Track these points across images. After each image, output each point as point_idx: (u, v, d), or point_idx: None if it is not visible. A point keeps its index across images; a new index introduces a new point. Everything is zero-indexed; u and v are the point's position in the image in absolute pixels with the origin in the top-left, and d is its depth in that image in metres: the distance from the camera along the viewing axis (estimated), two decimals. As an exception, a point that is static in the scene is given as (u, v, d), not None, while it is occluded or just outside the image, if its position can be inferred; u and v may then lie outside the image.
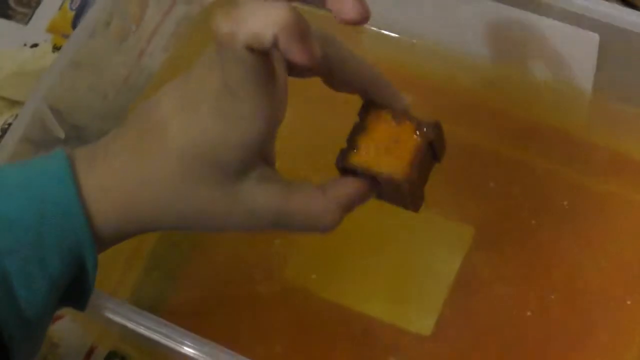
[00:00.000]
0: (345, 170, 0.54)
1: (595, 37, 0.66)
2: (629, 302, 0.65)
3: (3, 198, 0.50)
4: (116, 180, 0.51)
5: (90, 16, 0.73)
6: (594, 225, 0.68)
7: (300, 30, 0.46)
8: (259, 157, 0.51)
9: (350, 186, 0.53)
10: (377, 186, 0.54)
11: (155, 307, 0.66)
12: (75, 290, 0.52)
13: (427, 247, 0.69)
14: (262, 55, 0.47)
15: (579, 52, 0.68)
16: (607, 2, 0.64)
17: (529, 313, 0.66)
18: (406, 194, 0.53)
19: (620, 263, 0.67)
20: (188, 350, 0.56)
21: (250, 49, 0.46)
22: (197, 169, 0.50)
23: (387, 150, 0.53)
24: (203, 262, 0.70)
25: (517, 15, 0.67)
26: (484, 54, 0.73)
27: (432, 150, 0.54)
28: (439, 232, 0.70)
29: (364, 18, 0.48)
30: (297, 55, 0.46)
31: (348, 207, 0.54)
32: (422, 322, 0.66)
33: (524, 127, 0.73)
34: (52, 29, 0.84)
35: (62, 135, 0.71)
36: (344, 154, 0.54)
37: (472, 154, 0.72)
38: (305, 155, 0.71)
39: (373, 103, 0.54)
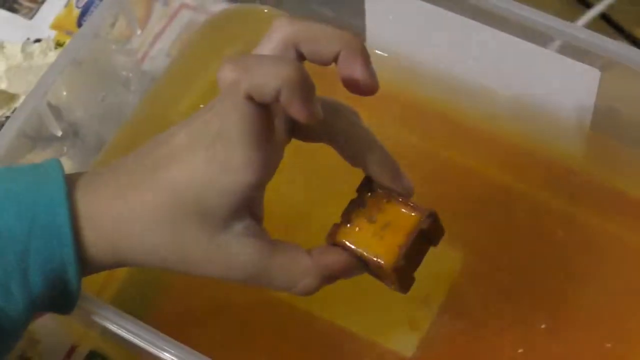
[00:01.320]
0: (336, 245, 0.54)
1: (596, 73, 0.66)
2: (608, 345, 0.66)
3: None
4: (108, 213, 0.51)
5: (96, 16, 0.73)
6: (583, 260, 0.68)
7: (304, 87, 0.47)
8: (246, 209, 0.51)
9: (337, 258, 0.54)
10: (365, 266, 0.54)
11: (138, 311, 0.65)
12: (56, 304, 0.53)
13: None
14: (262, 107, 0.48)
15: (579, 86, 0.68)
16: (610, 39, 0.65)
17: (513, 343, 0.66)
18: (394, 279, 0.54)
19: (604, 301, 0.67)
20: (168, 356, 0.56)
21: (251, 98, 0.47)
22: (184, 213, 0.50)
23: (380, 233, 0.53)
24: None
25: (519, 45, 0.68)
26: (484, 81, 0.73)
27: (427, 237, 0.54)
28: (428, 256, 0.70)
29: (372, 92, 0.51)
30: (297, 112, 0.48)
31: (330, 277, 0.54)
32: (406, 343, 0.66)
33: (521, 155, 0.73)
34: (56, 26, 0.84)
35: (58, 132, 0.71)
36: (335, 229, 0.54)
37: (466, 179, 0.72)
38: (299, 219, 0.71)
39: (373, 181, 0.54)
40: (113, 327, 0.57)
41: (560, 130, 0.72)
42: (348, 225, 0.54)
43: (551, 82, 0.69)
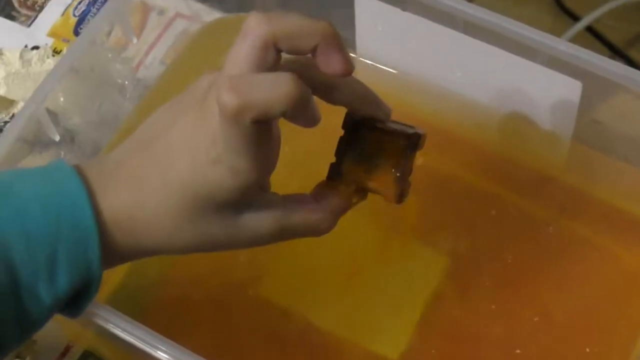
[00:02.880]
0: (336, 181, 0.57)
1: (578, 85, 0.68)
2: (587, 350, 0.67)
3: (20, 210, 0.51)
4: (124, 210, 0.52)
5: (94, 25, 0.75)
6: (564, 267, 0.70)
7: (305, 100, 0.48)
8: (256, 189, 0.53)
9: (341, 195, 0.56)
10: (366, 190, 0.57)
11: (133, 311, 0.66)
12: (73, 303, 0.54)
13: (402, 273, 0.71)
14: (265, 124, 0.49)
15: (561, 97, 0.69)
16: (592, 52, 0.66)
17: (497, 346, 0.68)
18: (391, 197, 0.56)
19: (585, 306, 0.69)
20: (162, 355, 0.57)
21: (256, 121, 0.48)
22: (198, 207, 0.51)
23: (373, 161, 0.56)
24: (183, 271, 0.71)
25: (504, 57, 0.69)
26: (470, 92, 0.75)
27: (414, 147, 0.56)
28: (413, 259, 0.71)
29: (348, 72, 0.51)
30: (302, 123, 0.50)
31: (340, 213, 0.57)
32: (392, 347, 0.68)
33: (506, 164, 0.74)
34: (53, 33, 0.86)
35: (56, 137, 0.72)
36: (333, 169, 0.57)
37: (453, 187, 0.74)
38: (297, 165, 0.73)
39: (355, 114, 0.56)
40: (108, 326, 0.58)
41: (543, 139, 0.73)
42: (342, 162, 0.56)
43: (535, 93, 0.71)
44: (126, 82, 0.79)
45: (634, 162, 0.72)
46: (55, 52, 0.84)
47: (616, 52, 1.63)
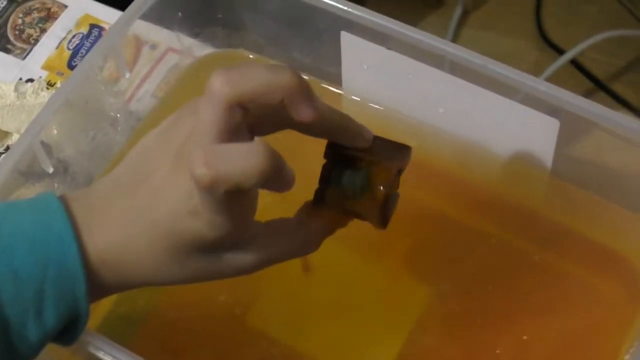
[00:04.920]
0: (321, 205, 0.58)
1: (555, 123, 0.69)
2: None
3: (7, 248, 0.51)
4: (111, 250, 0.52)
5: (88, 59, 0.76)
6: (545, 299, 0.71)
7: (278, 171, 0.49)
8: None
9: (325, 219, 0.58)
10: (350, 217, 0.58)
11: (123, 338, 0.68)
12: (61, 337, 0.54)
13: (385, 303, 0.72)
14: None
15: (540, 135, 0.71)
16: (569, 92, 0.68)
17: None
18: (375, 222, 0.58)
19: (564, 339, 0.70)
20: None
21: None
22: (182, 250, 0.52)
23: (356, 187, 0.57)
24: (172, 299, 0.72)
25: (486, 96, 0.71)
26: (453, 129, 0.76)
27: (397, 173, 0.58)
28: (397, 289, 0.73)
29: (317, 119, 0.51)
30: (276, 189, 0.50)
31: (324, 236, 0.58)
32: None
33: (487, 199, 0.76)
34: (47, 66, 0.87)
35: (50, 169, 0.73)
36: (317, 195, 0.58)
37: (436, 220, 0.76)
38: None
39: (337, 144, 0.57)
40: (99, 354, 0.59)
41: (523, 175, 0.75)
42: (326, 189, 0.57)
43: (515, 130, 0.73)
44: (118, 115, 0.80)
45: (610, 198, 0.73)
46: (50, 85, 0.85)
47: (600, 86, 1.64)
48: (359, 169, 0.57)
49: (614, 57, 1.50)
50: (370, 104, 0.79)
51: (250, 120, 0.51)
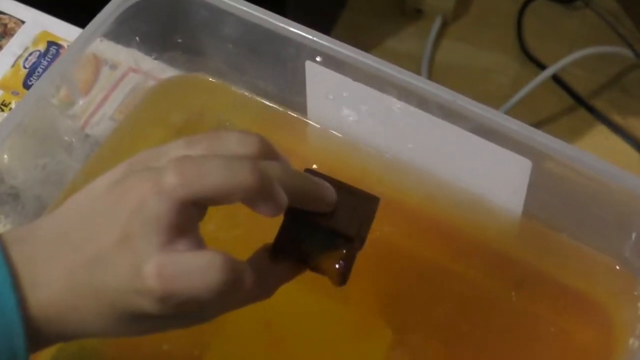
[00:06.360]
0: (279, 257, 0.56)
1: (527, 163, 0.68)
2: None
3: None
4: (55, 308, 0.50)
5: (43, 80, 0.74)
6: (517, 342, 0.70)
7: (238, 279, 0.48)
8: None
9: (281, 270, 0.56)
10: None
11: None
12: None
13: (351, 345, 0.70)
14: None
15: (512, 174, 0.69)
16: (542, 132, 0.66)
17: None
18: (333, 281, 0.56)
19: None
20: None
21: None
22: (130, 317, 0.50)
23: (315, 247, 0.55)
24: (124, 341, 0.69)
25: (457, 132, 0.69)
26: (421, 163, 0.74)
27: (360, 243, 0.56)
28: (363, 331, 0.71)
29: (278, 215, 0.50)
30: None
31: (282, 283, 0.56)
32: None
33: (457, 238, 0.74)
34: (2, 86, 0.84)
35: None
36: (275, 248, 0.55)
37: (402, 258, 0.73)
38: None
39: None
40: None
41: (493, 214, 0.73)
42: (285, 243, 0.55)
43: (486, 168, 0.71)
44: (74, 140, 0.78)
45: (583, 241, 0.71)
46: (4, 105, 0.83)
47: (579, 101, 1.64)
48: (318, 232, 0.55)
49: (595, 73, 1.49)
50: (336, 134, 0.77)
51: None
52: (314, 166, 0.62)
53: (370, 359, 0.70)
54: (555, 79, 1.47)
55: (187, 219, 0.48)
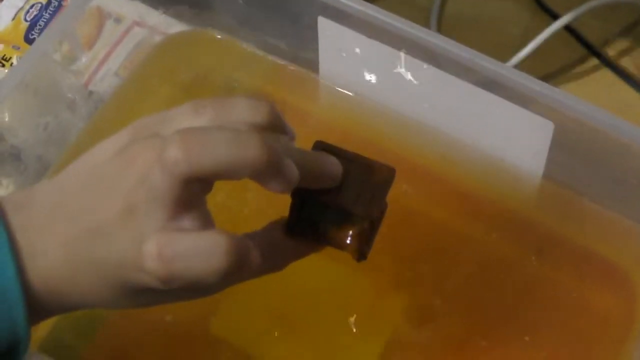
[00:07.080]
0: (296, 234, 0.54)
1: (549, 125, 0.66)
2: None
3: None
4: (55, 280, 0.49)
5: (43, 38, 0.72)
6: (536, 309, 0.68)
7: (243, 262, 0.47)
8: None
9: (294, 247, 0.54)
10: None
11: (69, 355, 0.65)
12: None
13: (364, 314, 0.69)
14: None
15: (533, 136, 0.68)
16: (565, 92, 0.64)
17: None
18: (351, 255, 0.54)
19: (554, 353, 0.67)
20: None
21: None
22: (132, 290, 0.49)
23: (327, 225, 0.53)
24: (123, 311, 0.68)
25: (476, 93, 0.67)
26: (437, 124, 0.72)
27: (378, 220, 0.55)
28: (377, 298, 0.69)
29: (286, 192, 0.48)
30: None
31: (296, 259, 0.55)
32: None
33: (472, 200, 0.72)
34: (3, 40, 0.82)
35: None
36: (288, 227, 0.53)
37: (414, 221, 0.71)
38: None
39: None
40: None
41: (513, 177, 0.71)
42: (297, 222, 0.53)
43: (506, 129, 0.69)
44: (77, 97, 0.76)
45: (606, 205, 0.70)
46: (4, 60, 0.81)
47: (592, 52, 1.61)
48: (330, 216, 0.53)
49: (609, 23, 1.46)
50: (349, 93, 0.75)
51: None
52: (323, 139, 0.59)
53: (386, 324, 0.68)
54: (569, 29, 1.44)
55: (192, 194, 0.46)
